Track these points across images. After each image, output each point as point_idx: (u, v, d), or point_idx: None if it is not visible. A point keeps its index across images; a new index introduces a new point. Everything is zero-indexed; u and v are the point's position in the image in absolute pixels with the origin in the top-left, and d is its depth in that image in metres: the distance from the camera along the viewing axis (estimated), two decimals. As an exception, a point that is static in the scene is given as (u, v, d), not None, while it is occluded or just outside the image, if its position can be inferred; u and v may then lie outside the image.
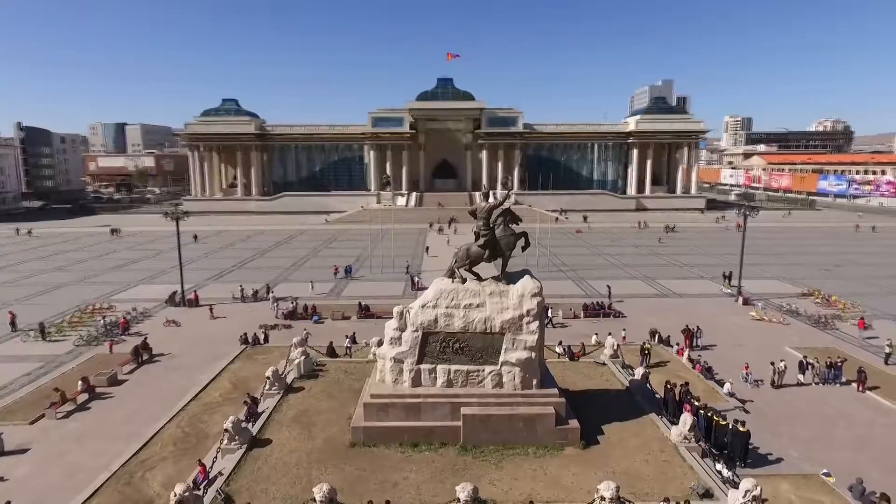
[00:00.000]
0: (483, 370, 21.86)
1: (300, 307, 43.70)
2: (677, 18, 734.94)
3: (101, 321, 40.62)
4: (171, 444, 23.03)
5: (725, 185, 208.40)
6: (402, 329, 21.86)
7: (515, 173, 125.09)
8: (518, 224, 22.59)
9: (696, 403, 23.33)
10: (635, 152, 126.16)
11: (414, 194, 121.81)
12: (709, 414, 22.52)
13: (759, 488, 16.67)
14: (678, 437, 21.15)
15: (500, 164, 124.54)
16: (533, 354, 21.59)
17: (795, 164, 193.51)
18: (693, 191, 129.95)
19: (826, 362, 30.69)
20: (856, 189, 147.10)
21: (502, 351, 21.67)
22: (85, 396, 28.79)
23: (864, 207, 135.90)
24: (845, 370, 30.56)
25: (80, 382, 28.92)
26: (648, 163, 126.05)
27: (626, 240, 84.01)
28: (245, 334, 36.31)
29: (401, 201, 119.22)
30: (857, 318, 40.82)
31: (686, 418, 21.09)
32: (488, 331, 21.50)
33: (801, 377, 30.45)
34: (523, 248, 22.52)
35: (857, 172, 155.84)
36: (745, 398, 28.40)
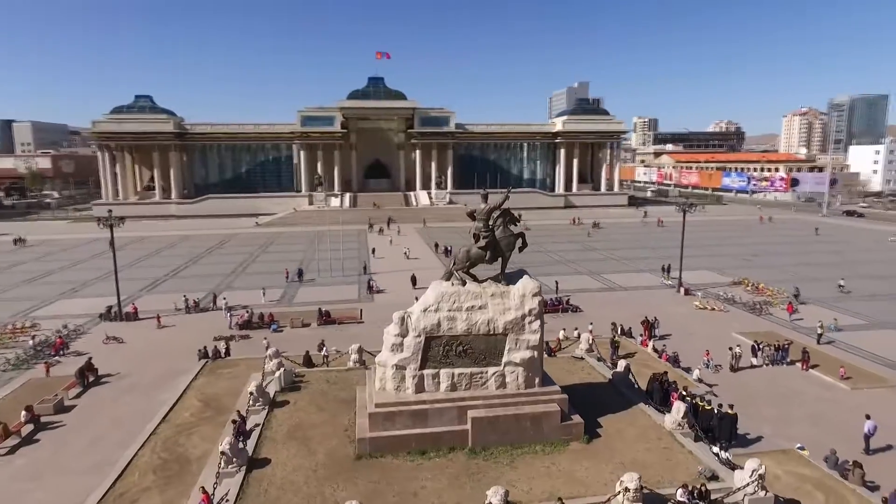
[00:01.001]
0: (486, 372, 21.85)
1: (255, 316, 41.55)
2: (590, 26, 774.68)
3: (31, 341, 36.51)
4: (150, 472, 21.11)
5: (639, 182, 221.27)
6: (403, 335, 21.36)
7: (449, 173, 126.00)
8: (516, 224, 22.74)
9: (683, 391, 24.65)
10: (562, 151, 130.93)
11: (348, 195, 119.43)
12: (695, 400, 23.88)
13: (763, 467, 17.90)
14: (672, 425, 22.24)
15: (433, 164, 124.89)
16: (535, 353, 21.86)
17: (700, 161, 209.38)
18: (616, 188, 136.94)
19: (774, 345, 33.49)
20: (754, 185, 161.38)
21: (505, 351, 21.75)
22: (30, 427, 25.79)
23: (762, 201, 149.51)
24: (790, 351, 33.53)
25: (23, 412, 25.84)
26: (575, 161, 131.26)
27: (563, 235, 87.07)
28: (204, 347, 34.02)
29: (335, 202, 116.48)
30: (785, 303, 44.84)
31: (679, 406, 22.21)
32: (491, 332, 21.51)
33: (753, 360, 33.03)
34: (520, 249, 22.71)
35: (755, 170, 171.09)
36: (711, 383, 30.45)
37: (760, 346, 33.27)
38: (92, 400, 29.56)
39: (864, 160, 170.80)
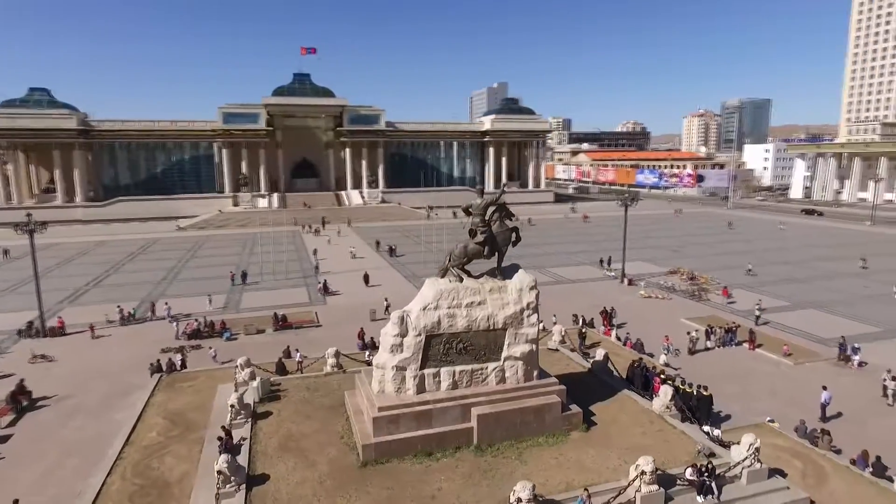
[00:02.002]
0: (487, 367, 21.69)
1: (205, 324, 38.82)
2: (506, 29, 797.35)
3: (-59, 366, 31.94)
4: (126, 501, 19.10)
5: (559, 179, 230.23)
6: (403, 335, 20.73)
7: (380, 171, 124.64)
8: (511, 219, 22.74)
9: (663, 376, 25.82)
10: (491, 150, 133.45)
11: (276, 195, 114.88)
12: (675, 384, 25.07)
13: (758, 441, 19.10)
14: (661, 408, 23.20)
15: (364, 163, 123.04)
16: (533, 347, 22.00)
17: (613, 160, 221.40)
18: (542, 185, 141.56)
19: (724, 328, 35.96)
20: (666, 181, 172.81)
21: (505, 346, 21.71)
22: (-38, 463, 22.55)
23: (672, 196, 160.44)
24: (737, 333, 36.15)
25: (-47, 446, 22.55)
26: (504, 160, 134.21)
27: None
28: (157, 361, 31.30)
29: (262, 203, 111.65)
30: (720, 289, 48.33)
31: (667, 390, 23.23)
32: (491, 328, 21.38)
33: (707, 343, 35.28)
34: (514, 244, 22.74)
35: (665, 167, 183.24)
36: (675, 366, 32.15)
37: (713, 330, 35.61)
38: (31, 427, 26.34)
39: (757, 158, 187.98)
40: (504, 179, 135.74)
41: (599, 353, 28.09)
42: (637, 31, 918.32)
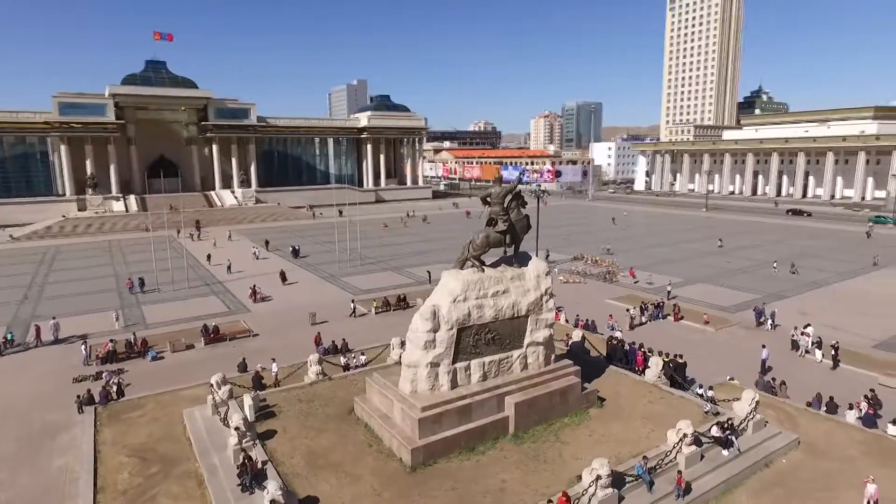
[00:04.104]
0: (512, 356, 21.71)
1: (122, 344, 33.28)
2: (364, 24, 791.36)
3: None
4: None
5: (427, 176, 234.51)
6: (435, 329, 19.90)
7: (253, 169, 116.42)
8: (525, 207, 22.90)
9: (643, 350, 27.94)
10: (369, 147, 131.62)
11: (133, 198, 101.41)
12: (653, 356, 27.30)
13: (757, 395, 21.69)
14: (654, 378, 25.19)
15: (234, 160, 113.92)
16: (552, 331, 22.52)
17: (474, 157, 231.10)
18: (420, 182, 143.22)
19: (654, 304, 39.87)
20: (528, 177, 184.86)
21: (527, 332, 21.91)
22: None
23: (538, 191, 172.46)
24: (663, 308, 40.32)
25: None
26: (382, 157, 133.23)
27: (399, 230, 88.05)
28: (88, 391, 26.16)
29: (118, 206, 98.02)
30: (626, 270, 53.36)
31: (658, 361, 25.28)
32: (515, 315, 21.44)
33: (643, 318, 38.83)
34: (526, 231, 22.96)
35: (526, 164, 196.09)
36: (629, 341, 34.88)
37: (646, 306, 39.30)
38: (-66, 491, 20.53)
39: (602, 155, 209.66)
40: (383, 176, 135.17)
41: (576, 335, 29.49)
42: (488, 34, 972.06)
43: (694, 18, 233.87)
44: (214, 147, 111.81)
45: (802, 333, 33.05)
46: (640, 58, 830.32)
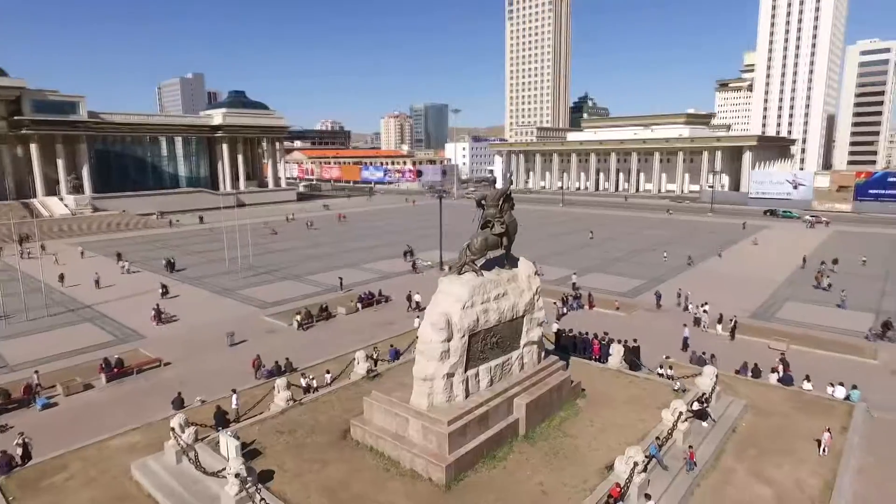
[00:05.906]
0: (511, 357, 21.68)
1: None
2: (194, 14, 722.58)
3: None
4: None
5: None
6: (449, 339, 19.13)
7: (85, 172, 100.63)
8: (513, 208, 22.89)
9: (598, 338, 29.69)
10: (225, 147, 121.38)
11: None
12: (605, 342, 29.24)
13: (716, 371, 24.38)
14: (618, 364, 26.98)
15: (60, 162, 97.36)
16: (542, 329, 22.96)
17: (328, 157, 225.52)
18: (284, 184, 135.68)
19: (572, 296, 42.59)
20: (390, 177, 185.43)
21: (524, 332, 22.06)
22: None
23: (403, 191, 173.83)
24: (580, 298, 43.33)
25: None
26: (240, 157, 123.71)
27: (290, 233, 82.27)
28: (-17, 460, 20.45)
29: None
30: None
31: (619, 348, 27.10)
32: (514, 317, 21.44)
33: (564, 309, 41.30)
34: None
35: (388, 164, 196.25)
36: (559, 332, 36.77)
37: (566, 298, 41.84)
38: None
39: (458, 155, 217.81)
40: (241, 178, 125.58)
41: (532, 330, 30.36)
42: (334, 32, 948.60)
43: (530, 29, 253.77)
44: (33, 147, 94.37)
45: (704, 311, 37.84)
46: (480, 62, 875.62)
